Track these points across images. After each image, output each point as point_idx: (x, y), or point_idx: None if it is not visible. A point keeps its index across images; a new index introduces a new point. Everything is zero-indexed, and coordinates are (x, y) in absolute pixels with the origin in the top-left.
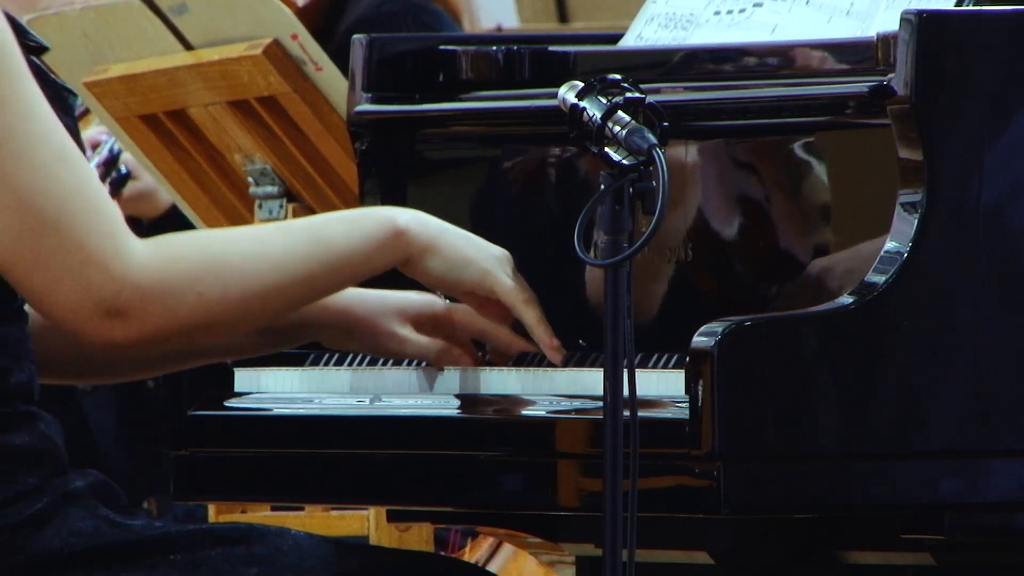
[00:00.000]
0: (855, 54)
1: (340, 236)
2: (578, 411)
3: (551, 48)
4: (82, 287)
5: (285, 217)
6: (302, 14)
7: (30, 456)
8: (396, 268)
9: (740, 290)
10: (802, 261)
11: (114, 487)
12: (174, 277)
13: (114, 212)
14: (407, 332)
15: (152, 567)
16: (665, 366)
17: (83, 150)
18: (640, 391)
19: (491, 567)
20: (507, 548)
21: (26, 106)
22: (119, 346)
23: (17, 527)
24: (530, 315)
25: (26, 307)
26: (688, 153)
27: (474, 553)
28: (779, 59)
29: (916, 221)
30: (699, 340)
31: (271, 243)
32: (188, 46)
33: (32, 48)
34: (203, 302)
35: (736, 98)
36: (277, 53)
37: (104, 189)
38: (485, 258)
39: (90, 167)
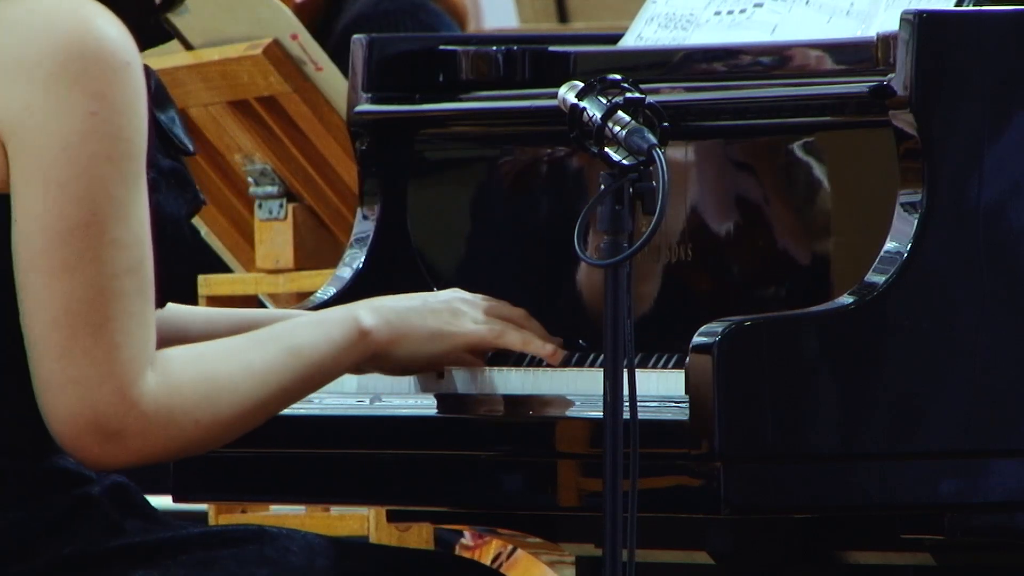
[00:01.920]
0: (855, 54)
1: (310, 344)
2: (578, 411)
3: (551, 48)
4: (91, 399)
5: (285, 217)
6: (300, 11)
7: (59, 476)
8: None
9: (740, 290)
10: (802, 261)
11: (130, 488)
12: (176, 406)
13: (150, 335)
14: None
15: (164, 568)
16: (665, 366)
17: (183, 228)
18: (640, 391)
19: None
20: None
21: (123, 210)
22: (102, 465)
23: (33, 533)
24: (513, 342)
25: None
26: (688, 153)
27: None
28: (779, 59)
29: (916, 221)
30: (699, 340)
31: (252, 359)
32: (188, 46)
33: (175, 146)
34: (198, 428)
35: (736, 98)
36: (277, 53)
37: (152, 311)
38: (446, 321)
39: (152, 286)
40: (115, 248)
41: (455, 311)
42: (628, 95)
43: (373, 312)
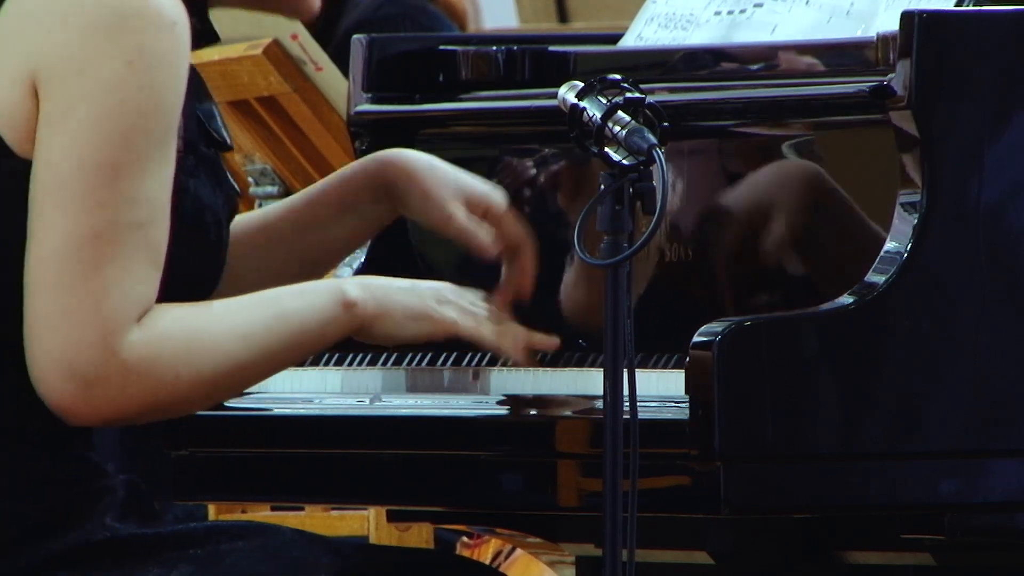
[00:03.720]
0: (855, 54)
1: (296, 311)
2: (578, 411)
3: (551, 48)
4: (74, 340)
5: None
6: None
7: (72, 468)
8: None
9: (740, 290)
10: (802, 261)
11: (140, 486)
12: (158, 358)
13: (145, 297)
14: (457, 208)
15: (171, 562)
16: (665, 366)
17: (222, 246)
18: (640, 391)
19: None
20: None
21: (143, 165)
22: (81, 417)
23: (40, 525)
24: (486, 336)
25: None
26: (688, 153)
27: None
28: (779, 59)
29: (916, 221)
30: (699, 340)
31: (237, 320)
32: None
33: (213, 140)
34: (179, 383)
35: (736, 98)
36: (277, 53)
37: (155, 277)
38: (429, 304)
39: (160, 254)
40: (125, 200)
41: (441, 298)
42: (628, 95)
43: (360, 286)
